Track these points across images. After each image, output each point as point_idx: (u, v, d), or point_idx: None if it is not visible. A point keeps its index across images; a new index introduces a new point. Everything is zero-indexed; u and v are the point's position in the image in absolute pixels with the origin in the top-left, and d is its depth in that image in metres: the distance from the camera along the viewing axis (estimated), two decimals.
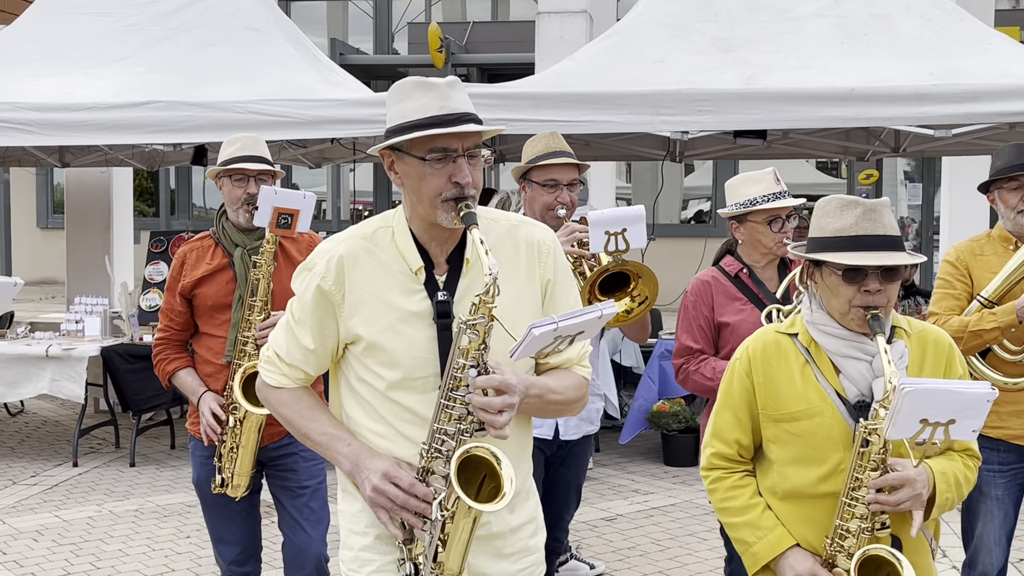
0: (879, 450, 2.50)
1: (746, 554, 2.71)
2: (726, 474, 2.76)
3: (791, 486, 2.66)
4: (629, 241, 3.73)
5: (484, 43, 15.74)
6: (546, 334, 2.26)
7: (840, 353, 2.62)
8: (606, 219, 3.73)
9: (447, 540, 2.32)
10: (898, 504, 2.50)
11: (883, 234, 2.56)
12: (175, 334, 3.90)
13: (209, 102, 7.45)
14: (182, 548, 5.99)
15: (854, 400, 2.60)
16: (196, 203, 17.78)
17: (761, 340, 2.74)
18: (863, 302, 2.54)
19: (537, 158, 3.95)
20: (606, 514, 6.63)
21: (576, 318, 2.29)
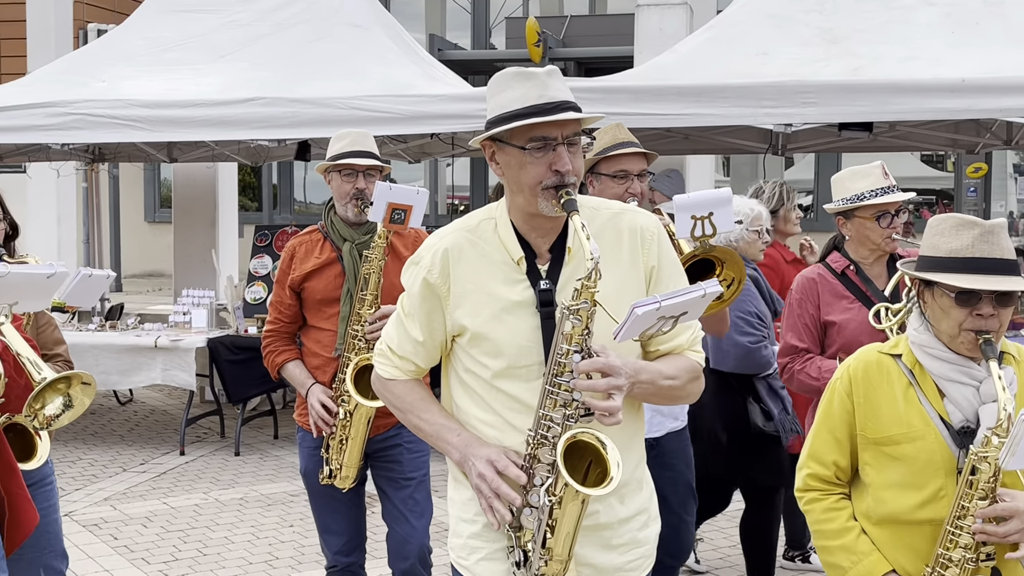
0: (989, 479, 2.42)
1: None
2: (821, 496, 2.69)
3: (888, 511, 2.59)
4: (716, 225, 3.65)
5: (582, 37, 15.70)
6: (649, 313, 2.24)
7: (946, 377, 2.55)
8: (692, 203, 3.64)
9: (555, 526, 2.33)
10: (1006, 536, 2.42)
11: (1000, 257, 2.48)
12: (284, 326, 3.97)
13: (312, 98, 7.58)
14: (285, 536, 6.11)
15: (958, 426, 2.52)
16: (297, 198, 18.10)
17: (863, 360, 2.67)
18: (975, 326, 2.47)
19: (605, 150, 3.90)
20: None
21: (679, 297, 2.28)
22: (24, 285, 2.38)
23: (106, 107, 7.78)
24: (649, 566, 2.59)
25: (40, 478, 3.44)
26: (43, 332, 3.47)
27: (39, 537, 3.39)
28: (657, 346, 2.52)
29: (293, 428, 8.57)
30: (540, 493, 2.33)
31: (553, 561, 2.36)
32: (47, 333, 3.49)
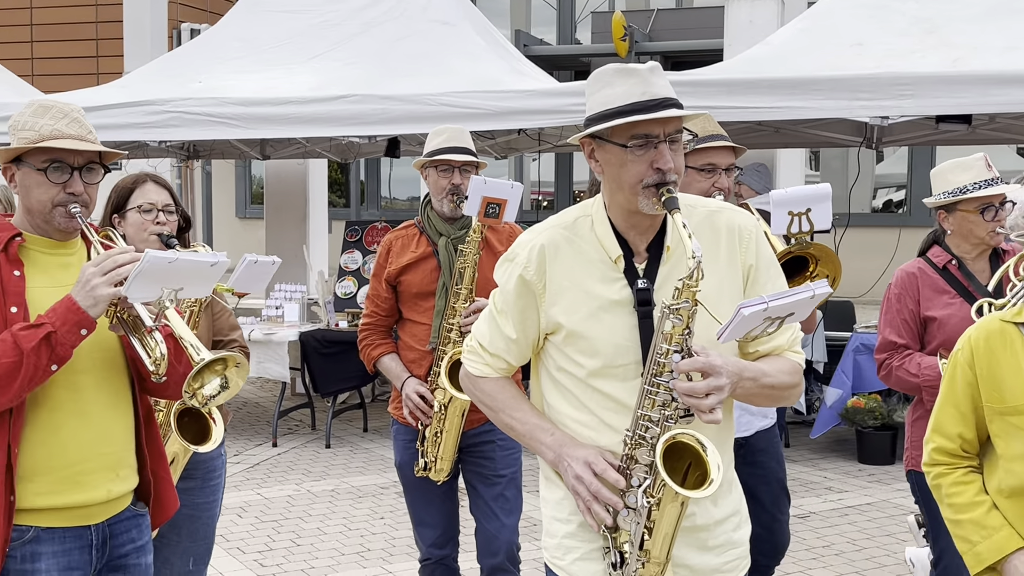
0: None
1: (968, 554, 2.58)
2: (948, 470, 2.65)
3: (1018, 483, 2.53)
4: (813, 222, 3.56)
5: (668, 31, 15.57)
6: (755, 314, 2.20)
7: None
8: (790, 198, 3.57)
9: (653, 528, 2.30)
10: None
11: None
12: (380, 320, 4.01)
13: (402, 95, 7.64)
14: (376, 528, 6.17)
15: None
16: (384, 194, 18.28)
17: (985, 329, 2.61)
18: None
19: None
20: (799, 511, 6.47)
21: (787, 298, 2.23)
22: (190, 272, 2.53)
23: (201, 105, 7.95)
24: (745, 567, 2.56)
25: (208, 470, 3.57)
26: (219, 318, 3.62)
27: (198, 528, 3.53)
28: (757, 347, 2.49)
29: (382, 422, 8.73)
30: (638, 495, 2.30)
31: (651, 563, 2.33)
32: (223, 319, 3.63)
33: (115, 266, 2.50)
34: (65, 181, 2.59)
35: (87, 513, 2.61)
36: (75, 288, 2.50)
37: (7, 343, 2.44)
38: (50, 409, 2.55)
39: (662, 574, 2.36)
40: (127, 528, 2.70)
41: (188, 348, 2.54)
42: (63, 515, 2.57)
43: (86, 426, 2.60)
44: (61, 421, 2.57)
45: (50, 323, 2.46)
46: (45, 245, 2.65)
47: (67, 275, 2.63)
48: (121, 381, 2.69)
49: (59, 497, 2.56)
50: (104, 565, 2.66)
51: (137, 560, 2.73)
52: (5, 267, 2.57)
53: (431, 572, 4.05)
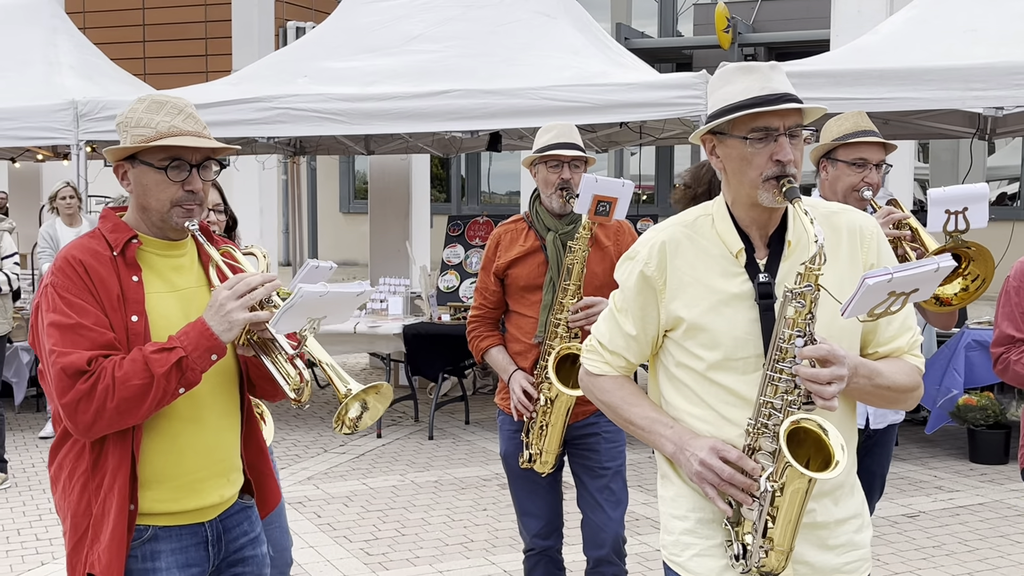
0: None
1: None
2: None
3: None
4: (970, 221, 3.53)
5: (772, 21, 15.34)
6: (880, 285, 2.17)
7: None
8: (948, 197, 3.57)
9: (776, 514, 2.30)
10: None
11: None
12: (488, 312, 4.06)
13: (503, 89, 7.68)
14: (479, 520, 6.23)
15: None
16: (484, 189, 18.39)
17: None
18: None
19: (845, 136, 3.79)
20: (908, 511, 6.34)
21: (911, 271, 2.20)
22: (337, 303, 2.55)
23: (308, 101, 8.11)
24: (867, 570, 2.53)
25: None
26: None
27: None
28: (876, 347, 2.48)
29: (484, 414, 8.81)
30: (761, 481, 2.30)
31: (774, 551, 2.32)
32: None
33: (248, 290, 2.48)
34: (184, 179, 2.53)
35: (200, 513, 2.63)
36: (208, 312, 2.48)
37: (138, 364, 2.41)
38: (168, 418, 2.55)
39: (784, 566, 2.35)
40: (239, 522, 2.72)
41: (334, 379, 2.50)
42: (178, 516, 2.60)
43: (201, 433, 2.61)
44: (179, 429, 2.57)
45: (182, 347, 2.44)
46: (159, 247, 2.61)
47: (180, 278, 2.62)
48: (233, 386, 2.70)
49: (176, 504, 2.58)
50: (222, 561, 2.69)
51: (253, 551, 2.76)
52: (124, 272, 2.52)
53: (535, 563, 4.08)
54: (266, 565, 2.79)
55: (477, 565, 5.50)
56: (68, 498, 2.54)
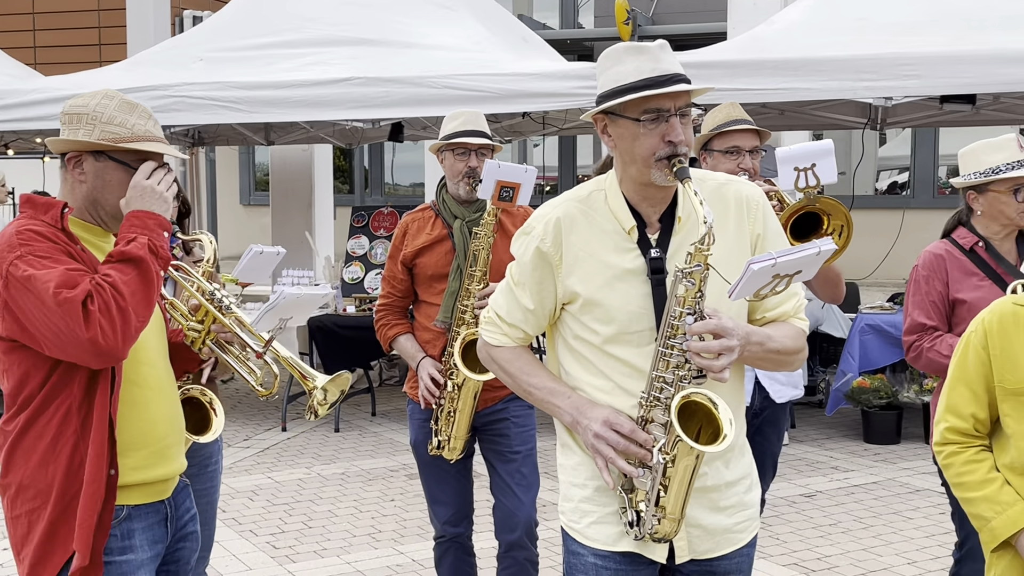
0: None
1: (984, 530, 2.63)
2: (961, 448, 2.68)
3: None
4: (819, 176, 3.65)
5: (671, 14, 15.56)
6: (764, 270, 2.27)
7: None
8: (794, 155, 3.68)
9: (668, 484, 2.39)
10: None
11: None
12: (397, 300, 4.06)
13: (406, 78, 7.64)
14: (387, 510, 6.22)
15: None
16: (388, 180, 18.30)
17: (998, 312, 2.65)
18: None
19: (719, 126, 3.91)
20: (805, 490, 6.52)
21: (794, 255, 2.30)
22: (306, 304, 2.73)
23: (204, 89, 7.96)
24: (755, 529, 2.64)
25: (204, 457, 3.61)
26: None
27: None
28: (763, 313, 2.58)
29: (390, 406, 8.78)
30: (654, 452, 2.39)
31: (666, 519, 2.42)
32: None
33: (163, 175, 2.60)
34: None
35: (163, 488, 2.70)
36: (140, 200, 2.56)
37: (118, 263, 2.47)
38: (138, 385, 2.62)
39: (677, 531, 2.46)
40: (184, 499, 2.81)
41: (301, 373, 2.71)
42: (147, 491, 2.65)
43: (165, 400, 2.70)
44: (148, 397, 2.64)
45: (140, 234, 2.53)
46: (88, 231, 2.65)
47: None
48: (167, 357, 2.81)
49: (150, 471, 2.64)
50: (172, 537, 2.76)
51: (194, 527, 2.84)
52: (70, 241, 2.56)
53: (445, 550, 4.10)
54: (199, 541, 2.88)
55: (386, 555, 5.49)
56: (51, 466, 2.52)
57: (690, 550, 2.53)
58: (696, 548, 2.54)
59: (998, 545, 2.61)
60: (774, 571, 5.16)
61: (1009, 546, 2.60)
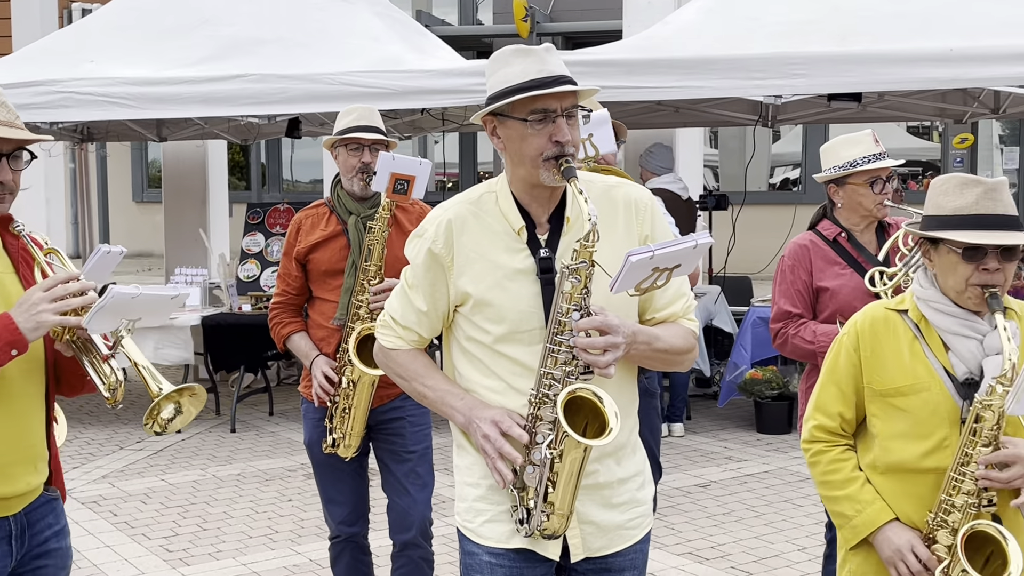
0: (992, 426, 2.49)
1: (845, 527, 2.72)
2: (828, 447, 2.76)
3: (894, 460, 2.66)
4: (598, 146, 3.76)
5: (569, 11, 15.68)
6: (643, 262, 2.31)
7: (951, 331, 2.61)
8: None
9: (556, 480, 2.42)
10: (1009, 481, 2.49)
11: (1003, 213, 2.54)
12: (291, 298, 4.02)
13: (302, 74, 7.56)
14: (284, 511, 6.16)
15: (962, 378, 2.59)
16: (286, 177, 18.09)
17: (870, 315, 2.73)
18: (981, 280, 2.53)
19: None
20: (700, 480, 6.64)
21: (672, 247, 2.35)
22: (150, 305, 2.59)
23: (94, 85, 7.77)
24: (648, 525, 2.68)
25: None
26: None
27: None
28: (653, 313, 2.62)
29: (288, 405, 8.67)
30: (542, 449, 2.42)
31: (555, 515, 2.45)
32: None
33: (65, 294, 2.47)
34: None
35: (6, 505, 2.58)
36: (18, 309, 2.45)
37: None
38: None
39: (566, 527, 2.49)
40: (44, 514, 2.68)
41: (147, 379, 2.55)
42: None
43: (10, 419, 2.56)
44: None
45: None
46: None
47: None
48: (41, 375, 2.66)
49: None
50: (26, 555, 2.63)
51: (58, 544, 2.71)
52: None
53: (341, 549, 4.07)
54: (70, 557, 2.76)
55: (283, 556, 5.44)
56: None
57: (584, 548, 2.56)
58: (590, 545, 2.57)
59: (858, 543, 2.69)
60: (669, 560, 5.25)
61: (866, 543, 2.68)
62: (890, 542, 2.61)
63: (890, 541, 2.61)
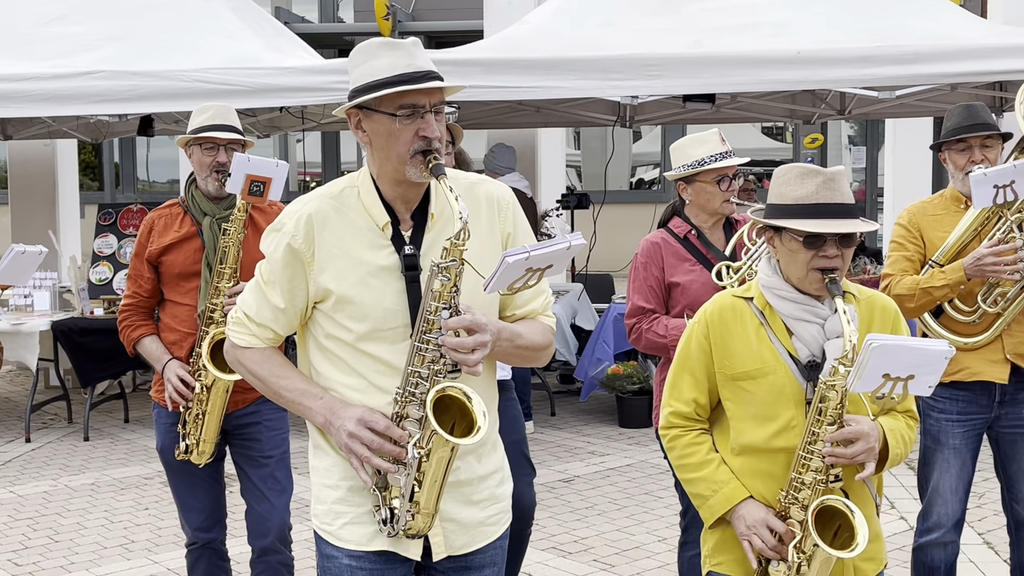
0: (836, 406, 2.59)
1: (703, 507, 2.79)
2: (683, 432, 2.84)
3: (746, 442, 2.75)
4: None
5: (431, 10, 15.67)
6: (518, 263, 2.33)
7: (793, 316, 2.70)
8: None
9: (422, 479, 2.41)
10: (853, 457, 2.59)
11: (841, 202, 2.65)
12: (142, 300, 3.90)
13: (155, 71, 7.35)
14: (141, 520, 5.99)
15: (805, 360, 2.69)
16: (141, 176, 17.58)
17: (718, 304, 2.82)
18: (821, 266, 2.63)
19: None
20: (563, 475, 6.73)
21: (546, 249, 2.37)
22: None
23: None
24: (507, 521, 2.69)
25: None
26: None
27: None
28: (514, 310, 2.63)
29: (144, 412, 8.43)
30: (409, 448, 2.40)
31: (420, 514, 2.44)
32: None
33: None
34: None
35: None
36: None
37: None
38: None
39: (431, 526, 2.48)
40: None
41: None
42: None
43: None
44: None
45: None
46: None
47: None
48: None
49: None
50: None
51: None
52: None
53: (198, 556, 3.99)
54: None
55: (139, 565, 5.29)
56: None
57: (447, 546, 2.56)
58: (452, 544, 2.57)
59: (715, 521, 2.78)
60: (532, 556, 5.29)
61: (724, 521, 2.77)
62: (744, 519, 2.69)
63: (744, 518, 2.70)
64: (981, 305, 3.82)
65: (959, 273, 3.76)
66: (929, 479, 3.95)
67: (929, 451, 3.95)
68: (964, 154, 3.89)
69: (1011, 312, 3.80)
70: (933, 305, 3.85)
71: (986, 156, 3.87)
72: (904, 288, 3.82)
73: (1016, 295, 3.79)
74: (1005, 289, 3.79)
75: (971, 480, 3.96)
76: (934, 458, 3.93)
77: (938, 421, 3.89)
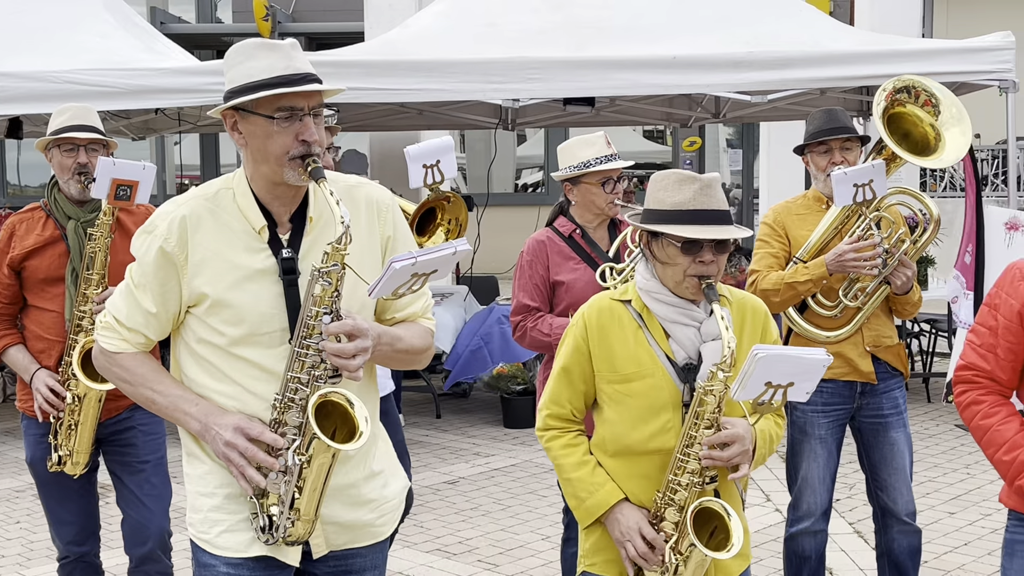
0: (713, 410, 2.65)
1: (579, 509, 2.83)
2: (560, 433, 2.87)
3: (622, 444, 2.79)
4: (444, 172, 3.97)
5: (311, 12, 15.51)
6: (405, 268, 2.33)
7: (670, 319, 2.75)
8: (422, 152, 3.97)
9: (303, 486, 2.39)
10: (730, 459, 2.66)
11: (717, 208, 2.71)
12: (4, 308, 3.78)
13: (24, 72, 7.13)
14: (12, 534, 5.79)
15: (682, 363, 2.74)
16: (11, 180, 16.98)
17: (596, 307, 2.85)
18: (698, 271, 2.69)
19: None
20: (448, 477, 6.74)
21: (433, 254, 2.38)
22: None
23: None
24: (394, 522, 2.69)
25: None
26: None
27: None
28: (394, 313, 2.62)
29: (13, 423, 8.14)
30: (288, 455, 2.38)
31: (300, 521, 2.42)
32: None
33: None
34: None
35: None
36: None
37: None
38: None
39: (311, 532, 2.46)
40: None
41: None
42: None
43: None
44: None
45: None
46: None
47: None
48: None
49: None
50: None
51: None
52: None
53: (70, 571, 3.89)
54: None
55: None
56: None
57: (328, 544, 2.54)
58: (334, 542, 2.55)
59: (591, 523, 2.81)
60: (417, 558, 5.30)
61: (600, 523, 2.80)
62: (619, 523, 2.73)
63: (619, 523, 2.73)
64: (843, 299, 3.98)
65: (821, 268, 3.91)
66: (798, 469, 4.09)
67: (797, 442, 4.08)
68: (825, 156, 4.05)
69: (870, 306, 3.97)
70: (797, 300, 3.99)
71: (846, 158, 4.03)
72: (770, 283, 3.95)
73: (875, 290, 3.96)
74: (864, 284, 3.96)
75: (836, 469, 4.11)
76: (801, 449, 4.07)
77: (804, 413, 4.03)
